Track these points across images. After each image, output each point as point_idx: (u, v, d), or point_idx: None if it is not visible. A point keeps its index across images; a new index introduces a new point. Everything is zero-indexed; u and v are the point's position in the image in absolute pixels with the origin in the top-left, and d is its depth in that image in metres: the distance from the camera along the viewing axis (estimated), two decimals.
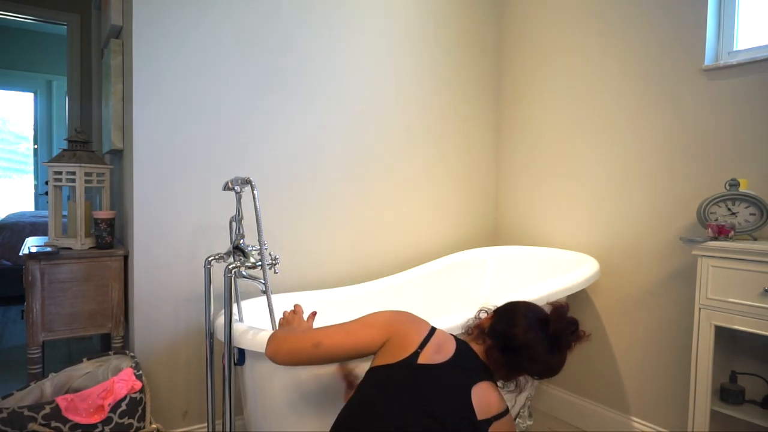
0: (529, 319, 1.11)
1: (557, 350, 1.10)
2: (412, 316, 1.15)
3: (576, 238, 2.22)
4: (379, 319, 1.13)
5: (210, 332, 1.59)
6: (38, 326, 1.68)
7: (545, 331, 1.10)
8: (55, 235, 1.85)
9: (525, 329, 1.10)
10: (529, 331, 1.09)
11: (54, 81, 5.62)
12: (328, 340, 1.11)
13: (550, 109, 2.33)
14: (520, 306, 1.16)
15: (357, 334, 1.11)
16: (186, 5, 1.79)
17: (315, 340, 1.12)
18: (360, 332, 1.11)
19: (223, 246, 1.90)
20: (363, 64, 2.19)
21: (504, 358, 1.10)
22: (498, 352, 1.11)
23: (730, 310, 1.48)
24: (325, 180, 2.12)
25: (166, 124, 1.78)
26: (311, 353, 1.11)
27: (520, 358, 1.10)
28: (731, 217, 1.58)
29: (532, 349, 1.09)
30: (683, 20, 1.82)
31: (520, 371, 1.13)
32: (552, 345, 1.09)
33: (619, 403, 2.06)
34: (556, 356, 1.10)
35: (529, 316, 1.12)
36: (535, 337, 1.09)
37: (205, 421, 1.90)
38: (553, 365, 1.11)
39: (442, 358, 1.06)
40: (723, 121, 1.73)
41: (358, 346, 1.11)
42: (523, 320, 1.11)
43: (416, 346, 1.07)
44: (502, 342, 1.11)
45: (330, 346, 1.11)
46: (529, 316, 1.12)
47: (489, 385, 1.07)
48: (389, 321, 1.13)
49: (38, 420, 1.36)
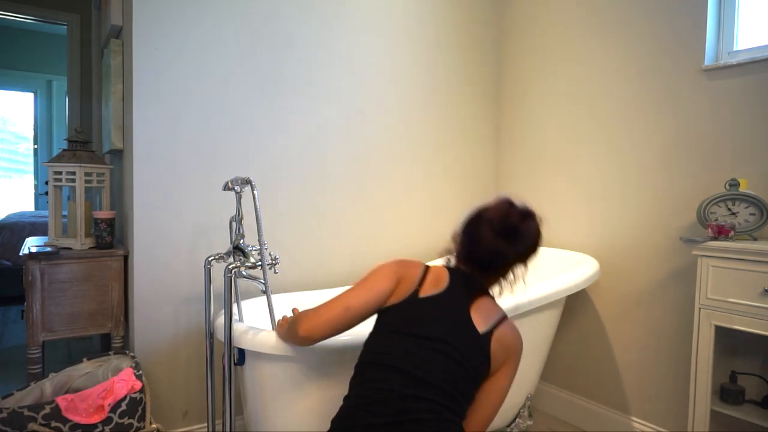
0: (483, 227, 1.19)
1: (517, 238, 1.17)
2: (408, 261, 1.26)
3: (576, 238, 2.22)
4: (386, 270, 1.23)
5: (210, 332, 1.59)
6: (38, 326, 1.68)
7: (500, 230, 1.17)
8: (55, 235, 1.85)
9: (485, 238, 1.18)
10: (488, 239, 1.17)
11: (54, 81, 5.62)
12: (356, 301, 1.19)
13: (550, 109, 2.33)
14: (473, 219, 1.23)
15: (375, 287, 1.20)
16: (186, 5, 1.79)
17: (344, 304, 1.19)
18: (377, 285, 1.20)
19: (223, 246, 1.90)
20: (363, 64, 2.19)
21: (479, 266, 1.20)
22: (472, 265, 1.21)
23: (730, 310, 1.48)
24: (325, 180, 2.12)
25: (166, 124, 1.78)
26: (345, 317, 1.19)
27: (489, 261, 1.19)
28: (731, 217, 1.58)
29: (497, 253, 1.17)
30: (683, 20, 1.82)
31: (499, 268, 1.21)
32: (510, 236, 1.17)
33: (619, 403, 2.06)
34: (520, 240, 1.18)
35: (483, 224, 1.20)
36: (494, 239, 1.17)
37: (205, 421, 1.90)
38: (521, 249, 1.19)
39: (439, 289, 1.18)
40: (723, 121, 1.73)
41: (378, 297, 1.20)
42: (478, 231, 1.19)
43: (415, 284, 1.19)
44: (470, 256, 1.21)
45: (359, 305, 1.19)
46: (483, 224, 1.20)
47: (484, 300, 1.20)
48: (395, 269, 1.23)
49: (38, 420, 1.36)
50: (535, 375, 1.97)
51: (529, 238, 1.19)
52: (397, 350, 1.11)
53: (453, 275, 1.22)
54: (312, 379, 1.39)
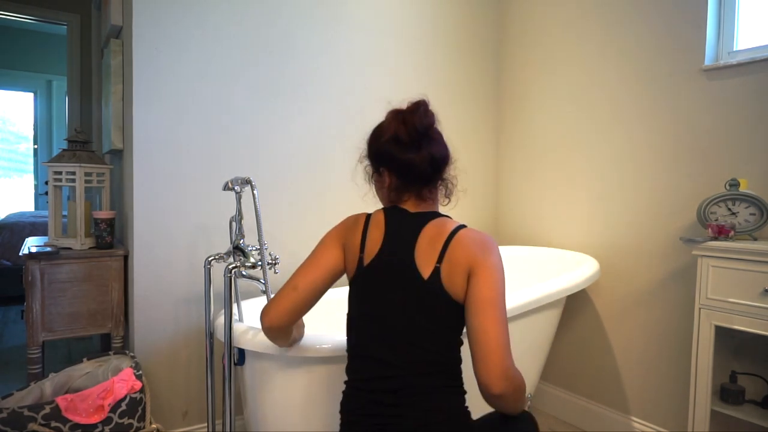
0: (381, 145, 1.13)
1: (424, 142, 1.11)
2: (351, 221, 1.18)
3: (576, 238, 2.22)
4: (329, 240, 1.18)
5: (210, 332, 1.59)
6: (38, 326, 1.68)
7: (408, 141, 1.10)
8: (55, 235, 1.85)
9: (398, 158, 1.11)
10: (397, 153, 1.11)
11: (54, 81, 5.62)
12: (302, 280, 1.14)
13: (550, 109, 2.33)
14: (377, 150, 1.16)
15: (320, 260, 1.15)
16: (186, 5, 1.79)
17: (292, 285, 1.14)
18: (322, 260, 1.15)
19: (223, 246, 1.90)
20: (363, 64, 2.19)
21: (409, 190, 1.14)
22: (400, 193, 1.14)
23: (730, 310, 1.48)
24: (325, 180, 2.12)
25: (166, 124, 1.78)
26: (297, 298, 1.13)
27: (407, 176, 1.12)
28: (731, 217, 1.58)
29: (409, 163, 1.11)
30: (683, 20, 1.82)
31: (423, 184, 1.15)
32: (416, 142, 1.10)
33: (619, 403, 2.06)
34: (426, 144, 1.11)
35: (381, 143, 1.13)
36: (398, 151, 1.10)
37: (205, 421, 1.90)
38: (435, 151, 1.13)
39: (378, 245, 1.10)
40: (723, 121, 1.73)
41: (329, 268, 1.15)
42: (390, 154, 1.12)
43: (358, 250, 1.12)
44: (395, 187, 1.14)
45: (307, 283, 1.14)
46: (381, 143, 1.13)
47: (430, 227, 1.10)
48: (336, 235, 1.18)
49: (38, 420, 1.36)
50: (535, 375, 1.97)
51: (436, 135, 1.14)
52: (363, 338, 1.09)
53: (389, 219, 1.13)
54: (312, 379, 1.38)
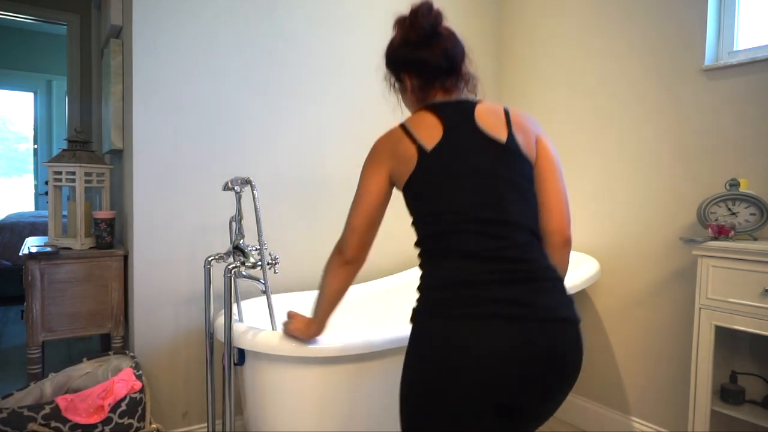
0: (394, 51, 1.16)
1: (434, 39, 1.12)
2: (383, 136, 1.15)
3: (576, 238, 2.21)
4: (371, 168, 1.13)
5: (210, 332, 1.59)
6: (38, 326, 1.68)
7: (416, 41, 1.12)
8: (55, 235, 1.85)
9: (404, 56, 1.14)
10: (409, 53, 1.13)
11: (54, 81, 5.61)
12: (356, 219, 1.13)
13: (549, 109, 2.33)
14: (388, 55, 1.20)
15: (367, 191, 1.12)
16: (186, 5, 1.79)
17: (349, 229, 1.14)
18: (368, 188, 1.12)
19: (223, 246, 1.90)
20: (363, 63, 2.19)
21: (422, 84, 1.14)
22: (418, 91, 1.15)
23: (730, 310, 1.48)
24: (325, 180, 2.12)
25: (166, 124, 1.78)
26: (355, 239, 1.14)
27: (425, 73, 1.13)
28: (731, 217, 1.58)
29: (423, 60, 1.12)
30: (683, 20, 1.82)
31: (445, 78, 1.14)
32: (426, 40, 1.11)
33: (619, 403, 2.06)
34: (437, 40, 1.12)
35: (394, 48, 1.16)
36: (410, 51, 1.13)
37: (205, 421, 1.90)
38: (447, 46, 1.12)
39: (436, 128, 1.07)
40: (723, 121, 1.73)
41: (379, 195, 1.12)
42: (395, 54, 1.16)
43: (413, 147, 1.06)
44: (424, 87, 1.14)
45: (361, 220, 1.13)
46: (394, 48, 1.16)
47: (479, 106, 1.10)
48: (377, 158, 1.13)
49: (38, 420, 1.36)
50: None
51: (446, 31, 1.13)
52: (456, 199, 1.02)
53: (435, 109, 1.10)
54: (312, 378, 1.38)
